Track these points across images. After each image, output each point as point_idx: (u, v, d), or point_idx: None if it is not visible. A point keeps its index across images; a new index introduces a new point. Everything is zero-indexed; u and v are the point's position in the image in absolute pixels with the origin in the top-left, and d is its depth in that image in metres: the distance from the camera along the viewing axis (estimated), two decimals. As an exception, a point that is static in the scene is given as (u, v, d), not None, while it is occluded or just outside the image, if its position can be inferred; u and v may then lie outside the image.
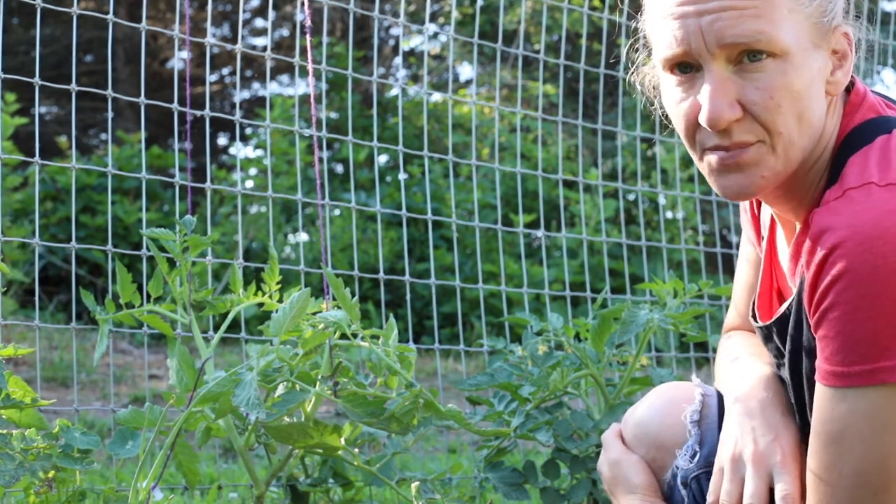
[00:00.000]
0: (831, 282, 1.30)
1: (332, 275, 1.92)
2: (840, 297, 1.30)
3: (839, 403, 1.33)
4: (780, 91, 1.36)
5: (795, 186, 1.46)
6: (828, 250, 1.30)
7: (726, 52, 1.36)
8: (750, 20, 1.35)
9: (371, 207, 3.86)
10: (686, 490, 1.68)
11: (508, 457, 2.72)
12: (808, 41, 1.38)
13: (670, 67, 1.42)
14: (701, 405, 1.70)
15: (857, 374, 1.31)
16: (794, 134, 1.38)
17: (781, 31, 1.35)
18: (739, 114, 1.37)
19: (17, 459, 1.81)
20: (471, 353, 5.37)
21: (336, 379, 1.97)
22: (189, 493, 2.67)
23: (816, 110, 1.40)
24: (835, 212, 1.32)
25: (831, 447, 1.35)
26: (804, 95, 1.37)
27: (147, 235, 2.07)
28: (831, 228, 1.31)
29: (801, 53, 1.37)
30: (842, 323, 1.30)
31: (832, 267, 1.30)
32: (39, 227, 3.11)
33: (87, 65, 10.39)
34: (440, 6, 8.79)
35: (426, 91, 4.19)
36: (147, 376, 3.04)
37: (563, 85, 4.94)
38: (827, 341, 1.33)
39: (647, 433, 1.75)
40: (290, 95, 7.76)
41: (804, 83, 1.37)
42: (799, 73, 1.37)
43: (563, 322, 2.40)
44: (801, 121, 1.38)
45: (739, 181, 1.41)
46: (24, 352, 1.91)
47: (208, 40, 2.74)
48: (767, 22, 1.35)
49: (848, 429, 1.33)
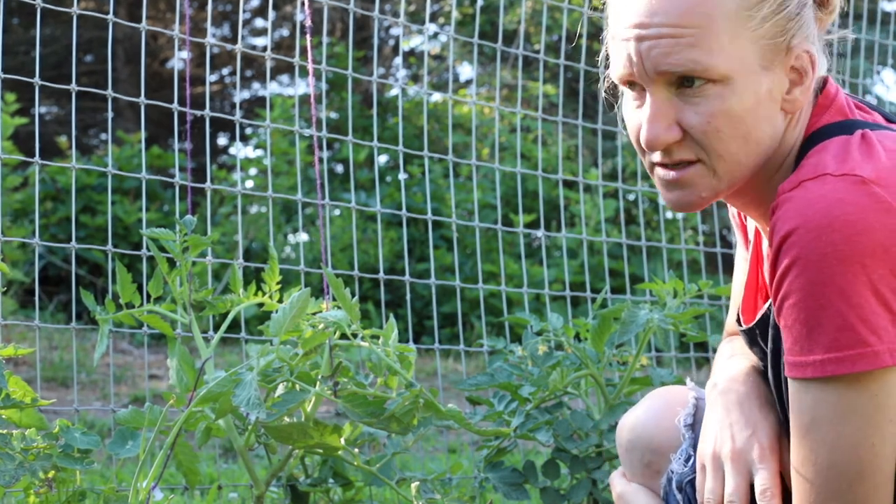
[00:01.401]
0: (784, 270, 1.31)
1: (332, 275, 1.92)
2: (792, 285, 1.30)
3: (804, 395, 1.33)
4: (719, 116, 1.37)
5: (757, 195, 1.48)
6: (780, 239, 1.31)
7: (665, 77, 1.38)
8: (685, 49, 1.36)
9: (371, 207, 3.86)
10: (681, 494, 1.68)
11: (508, 457, 2.72)
12: (755, 64, 1.38)
13: (622, 83, 1.45)
14: (694, 409, 1.70)
15: (811, 365, 1.31)
16: (739, 155, 1.40)
17: (720, 58, 1.36)
18: (678, 136, 1.39)
19: (17, 459, 1.81)
20: (471, 353, 5.37)
21: (336, 379, 1.97)
22: (189, 493, 2.67)
23: (766, 129, 1.41)
24: (787, 200, 1.33)
25: (805, 440, 1.35)
26: (747, 118, 1.38)
27: (147, 235, 2.07)
28: (783, 217, 1.32)
29: (746, 77, 1.37)
30: (796, 311, 1.31)
31: (786, 255, 1.30)
32: (39, 227, 3.11)
33: (87, 65, 10.39)
34: (440, 6, 8.79)
35: (426, 91, 4.19)
36: (147, 376, 3.04)
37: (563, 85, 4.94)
38: (786, 332, 1.33)
39: (642, 438, 1.75)
40: (290, 95, 7.76)
41: (746, 106, 1.38)
42: (741, 97, 1.37)
43: (563, 322, 2.40)
44: (746, 142, 1.39)
45: (680, 197, 1.43)
46: (24, 352, 1.91)
47: (208, 40, 2.74)
48: (703, 51, 1.36)
49: (816, 420, 1.33)
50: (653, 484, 1.75)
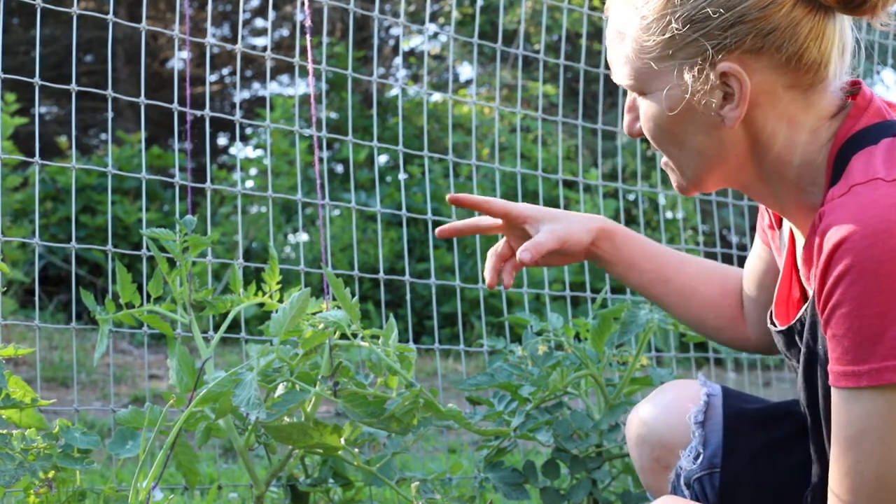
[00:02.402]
0: (837, 278, 1.29)
1: (332, 275, 1.92)
2: (846, 293, 1.28)
3: (853, 406, 1.30)
4: (646, 123, 1.50)
5: (780, 192, 1.49)
6: (833, 246, 1.29)
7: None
8: (613, 65, 1.51)
9: (371, 207, 3.86)
10: (689, 491, 1.68)
11: (508, 457, 2.72)
12: (672, 80, 1.45)
13: None
14: (706, 406, 1.70)
15: (866, 374, 1.28)
16: (681, 159, 1.51)
17: (641, 75, 1.48)
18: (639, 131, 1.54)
19: (17, 459, 1.81)
20: (471, 353, 5.37)
21: (336, 379, 1.97)
22: (189, 493, 2.67)
23: (701, 141, 1.47)
24: (840, 207, 1.31)
25: (850, 452, 1.31)
26: (673, 129, 1.48)
27: (147, 235, 2.07)
28: (836, 224, 1.30)
29: (663, 90, 1.46)
30: (849, 320, 1.28)
31: (838, 263, 1.28)
32: (39, 227, 3.10)
33: (87, 65, 10.39)
34: (440, 6, 8.79)
35: (426, 91, 4.19)
36: (147, 376, 3.04)
37: (563, 85, 4.94)
38: (836, 341, 1.31)
39: (652, 433, 1.75)
40: (291, 95, 7.76)
41: (666, 120, 1.47)
42: (657, 111, 1.48)
43: (563, 322, 2.40)
44: (682, 148, 1.50)
45: (674, 182, 1.56)
46: (24, 352, 1.91)
47: (208, 40, 2.74)
48: (618, 66, 1.49)
49: (865, 432, 1.30)
50: (661, 479, 1.75)
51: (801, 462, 1.64)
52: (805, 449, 1.63)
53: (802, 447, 1.64)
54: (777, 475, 1.67)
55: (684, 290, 1.85)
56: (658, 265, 1.85)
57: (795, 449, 1.66)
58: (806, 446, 1.63)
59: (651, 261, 1.85)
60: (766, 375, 4.88)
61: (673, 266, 1.85)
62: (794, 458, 1.66)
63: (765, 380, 4.80)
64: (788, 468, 1.66)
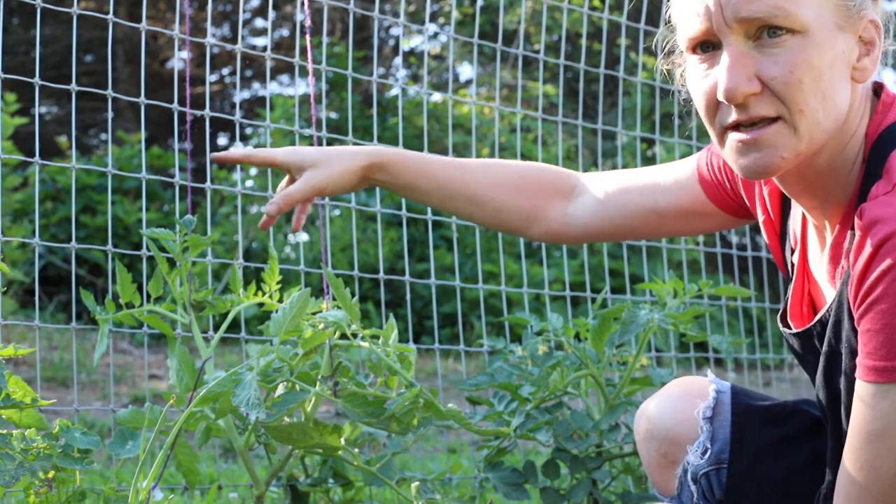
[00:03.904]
0: (882, 273, 1.28)
1: (332, 275, 1.92)
2: (890, 288, 1.28)
3: (881, 400, 1.30)
4: (801, 67, 1.35)
5: (819, 179, 1.46)
6: (879, 241, 1.29)
7: (744, 27, 1.36)
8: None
9: (371, 207, 3.85)
10: (696, 486, 1.68)
11: (508, 457, 2.72)
12: (831, 22, 1.37)
13: (692, 47, 1.43)
14: (714, 402, 1.70)
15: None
16: (818, 113, 1.37)
17: (801, 8, 1.35)
18: (757, 88, 1.37)
19: (17, 459, 1.81)
20: (471, 353, 5.37)
21: (336, 379, 1.97)
22: (189, 493, 2.67)
23: (841, 93, 1.39)
24: (886, 204, 1.31)
25: (870, 446, 1.32)
26: (825, 74, 1.36)
27: (147, 235, 2.07)
28: (883, 220, 1.29)
29: (824, 33, 1.36)
30: (889, 316, 1.28)
31: (884, 258, 1.28)
32: (39, 227, 3.10)
33: (87, 65, 10.39)
34: (440, 6, 8.79)
35: (426, 91, 4.18)
36: (147, 376, 3.04)
37: (563, 85, 4.94)
38: (870, 335, 1.31)
39: (660, 428, 1.75)
40: (291, 95, 7.76)
41: (825, 62, 1.36)
42: (820, 51, 1.36)
43: (563, 322, 2.40)
44: (824, 100, 1.37)
45: (758, 160, 1.39)
46: (24, 352, 1.90)
47: (208, 40, 2.74)
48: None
49: (889, 426, 1.30)
50: (668, 474, 1.76)
51: (808, 460, 1.65)
52: (813, 447, 1.63)
53: (810, 445, 1.64)
54: (784, 472, 1.67)
55: (475, 199, 1.90)
56: (440, 182, 1.89)
57: (803, 447, 1.66)
58: (814, 445, 1.63)
59: (432, 179, 1.89)
60: (766, 375, 4.88)
61: (456, 179, 1.89)
62: (801, 456, 1.66)
63: (765, 380, 4.81)
64: (796, 465, 1.67)
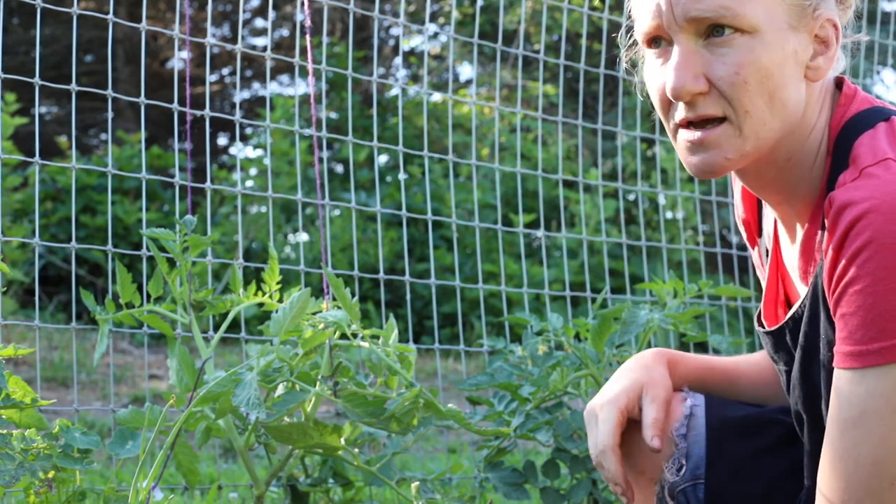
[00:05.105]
0: (853, 254, 1.27)
1: (332, 275, 1.92)
2: (862, 269, 1.27)
3: (857, 386, 1.28)
4: (747, 67, 1.35)
5: (781, 175, 1.45)
6: (849, 223, 1.28)
7: (693, 25, 1.36)
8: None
9: (371, 207, 3.86)
10: (673, 502, 1.67)
11: (508, 457, 2.72)
12: (783, 21, 1.37)
13: (647, 42, 1.43)
14: (687, 419, 1.68)
15: (876, 352, 1.27)
16: (765, 114, 1.37)
17: (749, 8, 1.35)
18: (704, 87, 1.37)
19: (17, 459, 1.81)
20: (471, 353, 5.37)
21: (336, 379, 1.97)
22: (189, 493, 2.67)
23: (791, 92, 1.39)
24: (854, 188, 1.30)
25: (847, 434, 1.30)
26: (774, 74, 1.36)
27: (147, 235, 2.07)
28: (852, 202, 1.28)
29: (774, 32, 1.36)
30: (863, 297, 1.27)
31: (855, 240, 1.27)
32: (39, 227, 3.10)
33: (87, 65, 10.39)
34: (440, 6, 8.79)
35: (426, 91, 4.19)
36: (147, 376, 3.04)
37: (563, 85, 4.94)
38: (846, 319, 1.29)
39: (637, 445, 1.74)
40: (291, 95, 7.76)
41: (775, 62, 1.36)
42: (769, 51, 1.35)
43: (563, 322, 2.40)
44: (772, 100, 1.37)
45: (705, 160, 1.40)
46: (24, 352, 1.90)
47: (208, 40, 2.74)
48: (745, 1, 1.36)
49: (866, 412, 1.28)
50: (647, 492, 1.74)
51: (787, 469, 1.63)
52: (791, 456, 1.61)
53: (789, 454, 1.62)
54: (764, 483, 1.65)
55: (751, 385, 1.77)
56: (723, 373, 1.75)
57: (781, 456, 1.64)
58: (792, 453, 1.61)
59: (713, 371, 1.75)
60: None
61: (730, 370, 1.76)
62: (780, 466, 1.64)
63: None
64: (774, 476, 1.64)
